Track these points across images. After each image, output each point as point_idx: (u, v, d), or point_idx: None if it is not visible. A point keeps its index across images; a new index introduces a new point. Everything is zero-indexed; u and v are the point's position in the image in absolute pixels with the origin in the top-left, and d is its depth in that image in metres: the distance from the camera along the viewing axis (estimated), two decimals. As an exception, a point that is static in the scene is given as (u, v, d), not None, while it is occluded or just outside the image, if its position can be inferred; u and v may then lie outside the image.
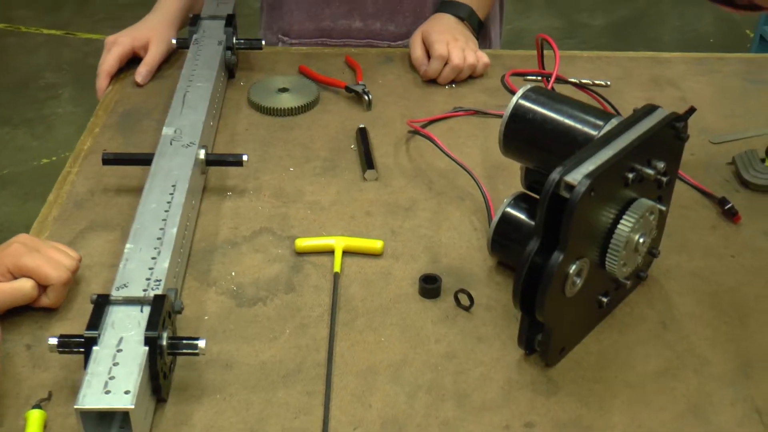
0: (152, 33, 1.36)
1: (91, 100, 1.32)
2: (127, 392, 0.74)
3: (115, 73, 1.35)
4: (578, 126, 0.89)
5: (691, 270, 1.00)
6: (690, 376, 0.87)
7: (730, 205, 1.07)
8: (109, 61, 1.35)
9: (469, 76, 1.36)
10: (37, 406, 0.80)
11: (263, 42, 1.36)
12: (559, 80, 1.27)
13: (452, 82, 1.35)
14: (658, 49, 1.57)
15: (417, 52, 1.37)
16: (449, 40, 1.35)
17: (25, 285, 0.88)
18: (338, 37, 1.48)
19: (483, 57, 1.37)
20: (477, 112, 1.28)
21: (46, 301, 0.90)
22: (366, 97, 1.28)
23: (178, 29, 1.42)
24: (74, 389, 0.77)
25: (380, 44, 1.49)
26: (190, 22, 1.36)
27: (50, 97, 3.32)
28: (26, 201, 2.76)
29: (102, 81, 1.34)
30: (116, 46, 1.35)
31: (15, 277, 0.89)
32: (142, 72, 1.33)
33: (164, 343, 0.80)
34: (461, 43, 1.36)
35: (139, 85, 1.33)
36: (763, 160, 1.14)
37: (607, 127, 0.87)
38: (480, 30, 1.45)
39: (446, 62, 1.33)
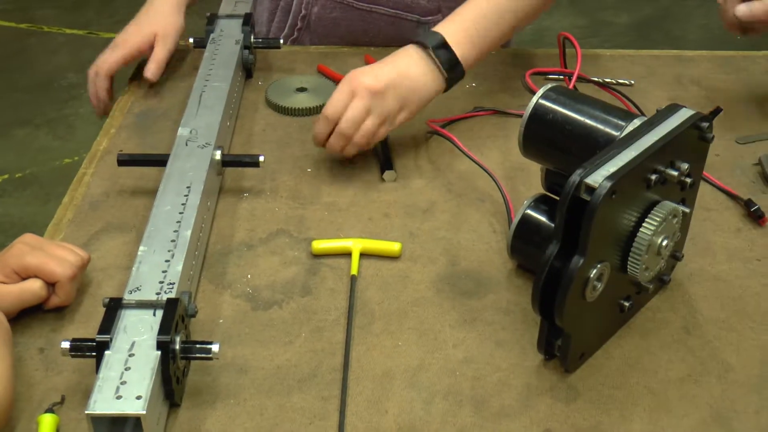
0: (158, 27, 1.31)
1: (114, 101, 1.31)
2: (138, 397, 0.73)
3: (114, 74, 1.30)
4: (600, 126, 0.87)
5: (715, 274, 0.98)
6: (713, 382, 0.85)
7: (756, 207, 1.05)
8: (110, 60, 1.29)
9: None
10: (50, 410, 0.80)
11: (281, 41, 1.35)
12: (582, 79, 1.26)
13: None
14: (683, 48, 1.54)
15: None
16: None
17: (34, 285, 0.88)
18: (366, 2, 1.40)
19: (381, 133, 1.11)
20: (497, 112, 1.26)
21: (56, 300, 0.90)
22: (385, 97, 1.26)
23: (188, 8, 1.36)
24: (87, 393, 0.76)
25: (409, 17, 1.41)
26: (207, 21, 1.35)
27: (72, 98, 3.33)
28: (48, 201, 2.77)
29: (102, 81, 1.29)
30: (121, 48, 1.29)
31: (22, 279, 0.88)
32: (151, 68, 1.29)
33: (177, 347, 0.79)
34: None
35: (150, 83, 1.30)
36: (790, 161, 1.12)
37: (630, 128, 0.85)
38: (457, 73, 1.13)
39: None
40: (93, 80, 1.30)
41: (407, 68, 1.10)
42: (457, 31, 1.12)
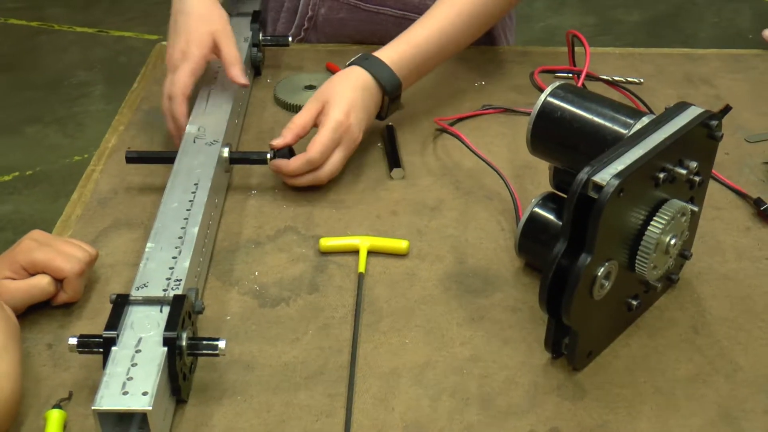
0: (211, 26, 1.14)
1: (123, 99, 1.31)
2: (145, 393, 0.73)
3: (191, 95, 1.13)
4: (608, 124, 0.87)
5: (724, 273, 0.97)
6: (721, 382, 0.85)
7: (765, 206, 1.04)
8: (182, 79, 1.10)
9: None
10: (57, 406, 0.80)
11: (290, 38, 1.35)
12: (591, 77, 1.25)
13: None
14: (695, 46, 1.54)
15: (304, 117, 1.12)
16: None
17: (42, 281, 0.88)
18: (373, 3, 1.40)
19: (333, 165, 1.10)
20: (506, 110, 1.26)
21: (64, 296, 0.90)
22: (393, 95, 1.26)
23: None
24: (94, 389, 0.76)
25: (416, 18, 1.41)
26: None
27: (82, 95, 3.34)
28: (58, 199, 2.78)
29: (179, 106, 1.10)
30: (187, 63, 1.11)
31: (31, 275, 0.89)
32: (237, 73, 1.13)
33: (184, 343, 0.79)
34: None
35: (244, 86, 1.16)
36: (799, 160, 1.11)
37: (638, 126, 0.85)
38: (396, 98, 1.17)
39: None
40: (168, 109, 1.12)
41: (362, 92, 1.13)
42: (397, 53, 1.17)
